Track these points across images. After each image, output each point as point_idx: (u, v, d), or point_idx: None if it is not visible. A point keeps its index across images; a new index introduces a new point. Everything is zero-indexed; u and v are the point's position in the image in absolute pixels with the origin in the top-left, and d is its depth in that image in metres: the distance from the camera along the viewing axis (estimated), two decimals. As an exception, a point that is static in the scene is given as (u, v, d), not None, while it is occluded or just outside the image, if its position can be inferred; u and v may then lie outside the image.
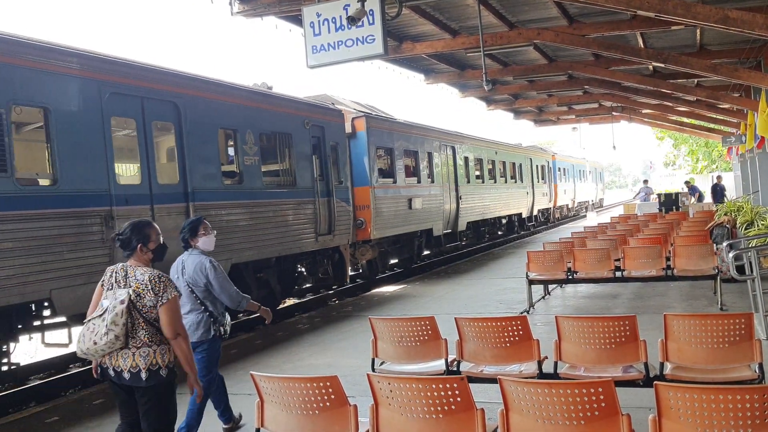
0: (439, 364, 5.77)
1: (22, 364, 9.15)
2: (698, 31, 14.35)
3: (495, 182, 25.10)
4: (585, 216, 41.66)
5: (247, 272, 11.32)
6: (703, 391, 3.40)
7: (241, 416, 5.91)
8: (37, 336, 8.54)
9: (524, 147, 31.76)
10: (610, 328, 5.36)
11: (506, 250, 22.34)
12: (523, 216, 29.62)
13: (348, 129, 14.80)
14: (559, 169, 36.76)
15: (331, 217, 13.36)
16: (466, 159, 21.88)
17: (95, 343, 4.12)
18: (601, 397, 3.62)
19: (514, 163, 27.87)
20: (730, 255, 8.95)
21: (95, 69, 8.50)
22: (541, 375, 5.39)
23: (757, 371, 4.94)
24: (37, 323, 8.29)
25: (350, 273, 14.96)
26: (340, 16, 9.25)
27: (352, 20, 8.91)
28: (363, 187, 15.06)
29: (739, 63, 16.40)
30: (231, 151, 11.49)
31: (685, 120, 32.27)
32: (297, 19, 11.55)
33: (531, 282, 10.92)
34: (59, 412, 7.15)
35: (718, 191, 28.17)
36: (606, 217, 29.40)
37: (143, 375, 4.18)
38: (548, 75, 19.24)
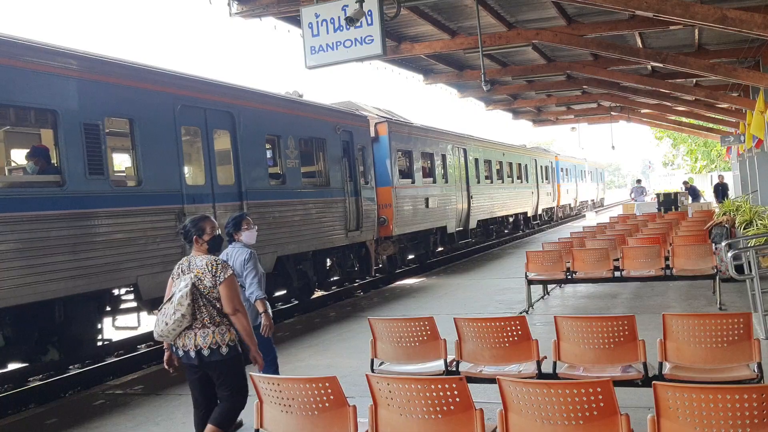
0: (438, 365, 5.77)
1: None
2: (696, 30, 14.36)
3: (503, 182, 26.19)
4: (585, 216, 42.23)
5: (288, 264, 12.50)
6: (701, 390, 3.40)
7: (241, 422, 5.92)
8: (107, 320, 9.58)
9: (528, 148, 32.74)
10: (609, 328, 5.36)
11: (505, 250, 22.39)
12: (529, 215, 30.70)
13: (372, 133, 15.93)
14: (562, 169, 38.01)
15: (359, 214, 14.55)
16: (476, 160, 22.90)
17: (167, 324, 4.67)
18: (600, 397, 3.62)
19: (519, 164, 28.90)
20: (729, 254, 8.96)
21: (170, 84, 9.73)
22: (540, 375, 5.39)
23: (756, 371, 4.94)
24: (123, 306, 9.57)
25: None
26: (339, 17, 9.25)
27: (351, 21, 8.91)
28: (385, 187, 16.12)
29: (738, 63, 16.42)
30: (275, 155, 12.46)
31: (684, 120, 32.29)
32: (295, 20, 11.54)
33: (530, 282, 10.93)
34: (59, 413, 7.15)
35: (720, 190, 28.16)
36: (605, 217, 29.44)
37: (205, 352, 4.70)
38: (547, 75, 19.25)
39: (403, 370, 5.84)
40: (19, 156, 9.93)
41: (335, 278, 15.84)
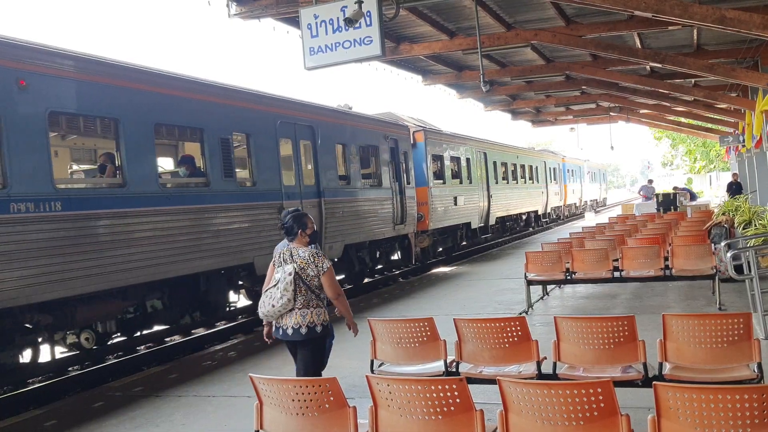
0: (438, 365, 5.77)
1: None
2: (695, 31, 14.37)
3: (517, 183, 28.64)
4: (598, 212, 44.83)
5: (352, 251, 14.83)
6: (702, 391, 3.40)
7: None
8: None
9: (538, 151, 35.83)
10: (609, 328, 5.36)
11: (504, 251, 22.48)
12: (539, 213, 33.21)
13: (411, 140, 18.28)
14: (569, 170, 40.44)
15: (403, 210, 16.88)
16: (494, 163, 25.29)
17: (273, 306, 5.39)
18: (600, 397, 3.62)
19: (531, 166, 31.30)
20: (729, 254, 8.96)
21: (273, 105, 12.24)
22: (540, 375, 5.39)
23: (756, 371, 4.94)
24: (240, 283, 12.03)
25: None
26: (338, 18, 9.24)
27: (350, 22, 8.90)
28: (422, 187, 18.29)
29: (737, 63, 16.42)
30: (342, 160, 14.68)
31: (683, 120, 32.29)
32: (294, 21, 11.53)
33: (529, 282, 10.93)
34: (58, 415, 7.15)
35: (734, 189, 28.06)
36: (604, 217, 29.47)
37: (302, 330, 5.40)
38: (546, 76, 19.25)
39: (403, 371, 5.83)
40: (170, 163, 12.51)
41: (379, 267, 17.92)
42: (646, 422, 3.58)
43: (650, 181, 33.74)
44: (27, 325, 8.36)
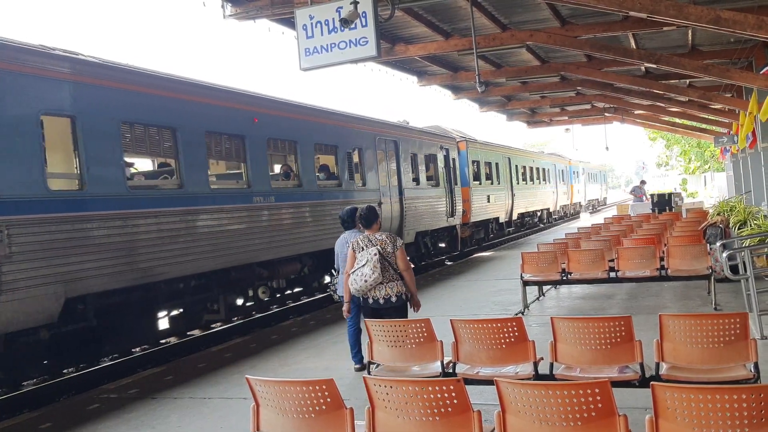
0: (435, 367, 5.76)
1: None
2: (690, 31, 14.40)
3: (533, 183, 32.65)
4: (599, 210, 48.61)
5: (419, 238, 18.51)
6: (699, 391, 3.40)
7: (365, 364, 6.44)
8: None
9: (547, 154, 39.78)
10: (606, 328, 5.36)
11: (501, 251, 22.56)
12: (551, 210, 37.37)
13: (457, 149, 22.22)
14: (574, 172, 44.86)
15: (453, 206, 20.64)
16: (516, 166, 29.30)
17: (365, 281, 6.58)
18: (598, 398, 3.61)
19: (544, 169, 35.37)
20: (724, 255, 8.98)
21: (374, 126, 16.44)
22: (537, 376, 5.38)
23: (753, 370, 4.94)
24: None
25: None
26: (333, 19, 9.24)
27: (345, 22, 8.90)
28: (465, 187, 22.19)
29: (731, 63, 16.45)
30: (415, 165, 18.42)
31: (678, 120, 32.34)
32: (290, 22, 11.54)
33: (525, 283, 10.92)
34: (53, 418, 7.12)
35: None
36: (599, 218, 29.54)
37: (393, 299, 6.70)
38: (541, 76, 19.28)
39: (400, 372, 5.82)
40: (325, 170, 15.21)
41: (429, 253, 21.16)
42: (643, 422, 3.57)
43: (643, 182, 33.83)
44: (261, 273, 12.30)
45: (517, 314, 10.47)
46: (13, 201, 7.41)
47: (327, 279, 14.75)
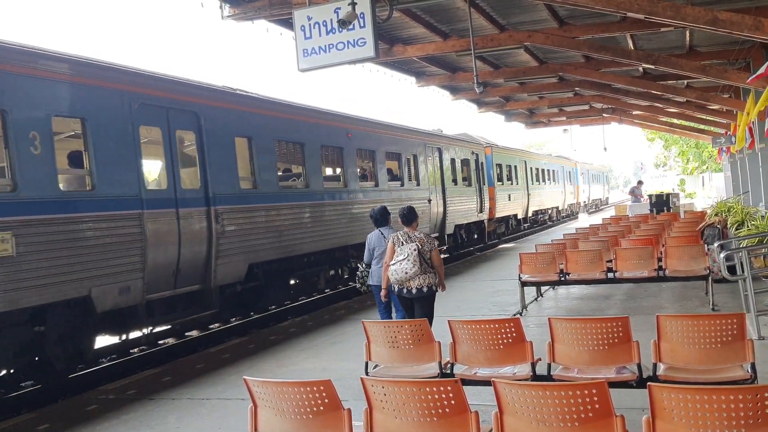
0: (432, 367, 5.76)
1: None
2: (687, 32, 14.42)
3: (545, 184, 35.89)
4: (601, 209, 51.17)
5: (457, 230, 21.55)
6: (696, 391, 3.41)
7: None
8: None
9: (556, 157, 42.73)
10: (603, 329, 5.36)
11: (498, 252, 22.63)
12: (560, 208, 40.67)
13: (484, 153, 25.34)
14: (580, 173, 48.47)
15: (482, 202, 23.83)
16: (531, 168, 32.53)
17: (406, 273, 7.41)
18: (595, 398, 3.62)
19: (554, 170, 38.78)
20: (722, 255, 8.98)
21: (424, 136, 19.53)
22: (535, 377, 5.38)
23: (750, 371, 4.95)
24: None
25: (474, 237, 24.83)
26: (331, 20, 9.25)
27: (343, 23, 8.90)
28: (491, 187, 25.38)
29: (729, 64, 16.48)
30: (454, 168, 21.56)
31: (675, 121, 32.40)
32: (288, 23, 11.54)
33: (523, 284, 10.93)
34: (51, 419, 7.11)
35: None
36: (598, 218, 29.58)
37: (424, 289, 7.49)
38: (539, 77, 19.31)
39: (397, 373, 5.83)
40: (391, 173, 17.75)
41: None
42: (640, 423, 3.58)
43: (640, 183, 34.02)
44: (353, 253, 14.60)
45: (515, 315, 10.48)
46: (223, 196, 10.57)
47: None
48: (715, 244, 10.85)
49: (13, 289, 7.33)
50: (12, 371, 8.78)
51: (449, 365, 5.77)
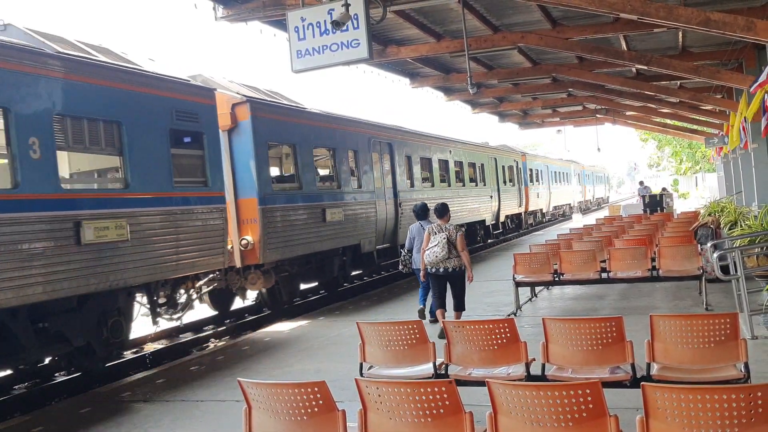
0: (427, 368, 5.76)
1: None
2: (680, 33, 14.46)
3: (561, 184, 43.34)
4: (602, 207, 56.34)
5: (506, 220, 28.33)
6: (689, 391, 3.41)
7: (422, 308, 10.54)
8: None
9: (567, 161, 49.33)
10: (597, 329, 5.37)
11: (492, 252, 22.58)
12: (572, 205, 47.57)
13: (521, 160, 32.29)
14: (586, 174, 56.68)
15: (521, 198, 30.75)
16: (552, 171, 40.13)
17: (437, 257, 8.92)
18: (589, 398, 3.62)
19: (567, 173, 46.28)
20: (715, 255, 9.01)
21: (489, 149, 27.56)
22: (529, 377, 5.39)
23: (743, 370, 4.96)
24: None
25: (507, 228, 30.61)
26: (325, 21, 9.24)
27: (337, 24, 8.90)
28: (526, 187, 32.24)
29: (721, 65, 16.53)
30: (504, 172, 27.35)
31: (669, 121, 32.49)
32: (281, 24, 11.53)
33: (518, 284, 10.94)
34: (45, 421, 7.08)
35: None
36: (591, 218, 29.68)
37: (453, 270, 9.03)
38: (532, 78, 19.33)
39: (392, 374, 5.82)
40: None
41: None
42: (634, 423, 3.59)
43: (641, 183, 35.02)
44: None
45: (509, 315, 10.49)
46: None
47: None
48: (709, 244, 10.89)
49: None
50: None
51: (444, 366, 5.77)
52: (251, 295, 14.03)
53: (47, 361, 9.61)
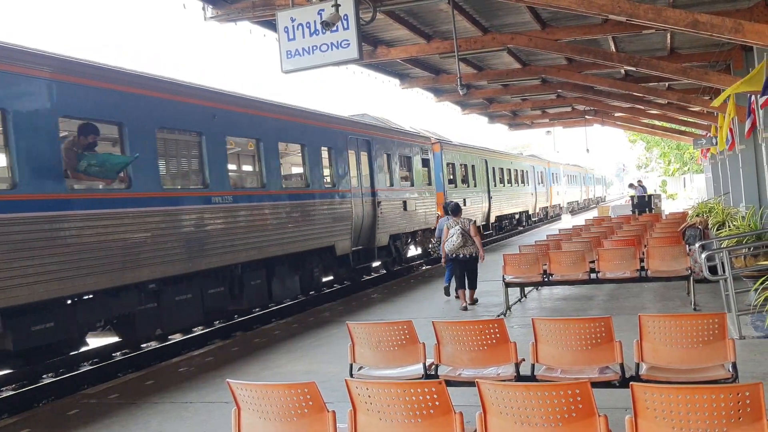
0: (417, 369, 5.76)
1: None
2: (669, 34, 14.54)
3: (572, 185, 53.51)
4: (600, 205, 60.69)
5: (524, 216, 36.57)
6: (678, 390, 3.43)
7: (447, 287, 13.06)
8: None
9: (573, 165, 57.65)
10: (586, 329, 5.39)
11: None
12: (578, 202, 56.84)
13: (545, 168, 42.27)
14: (588, 176, 66.31)
15: (548, 195, 41.64)
16: (566, 175, 49.16)
17: (454, 245, 11.22)
18: (578, 398, 3.63)
19: (575, 175, 56.39)
20: (703, 256, 9.07)
21: (526, 159, 39.45)
22: (519, 377, 5.40)
23: (731, 370, 4.99)
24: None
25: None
26: (315, 21, 9.23)
27: (327, 25, 8.89)
28: (550, 187, 42.79)
29: (709, 66, 16.64)
30: (536, 175, 37.84)
31: (657, 123, 32.65)
32: (271, 24, 11.51)
33: (507, 284, 10.97)
34: (32, 424, 7.03)
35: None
36: (581, 219, 29.79)
37: (469, 255, 11.37)
38: (522, 79, 19.39)
39: (382, 375, 5.82)
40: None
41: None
42: (623, 423, 3.60)
43: (639, 182, 35.07)
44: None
45: (498, 316, 10.52)
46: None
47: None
48: (697, 245, 10.96)
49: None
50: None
51: (433, 366, 5.77)
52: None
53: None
